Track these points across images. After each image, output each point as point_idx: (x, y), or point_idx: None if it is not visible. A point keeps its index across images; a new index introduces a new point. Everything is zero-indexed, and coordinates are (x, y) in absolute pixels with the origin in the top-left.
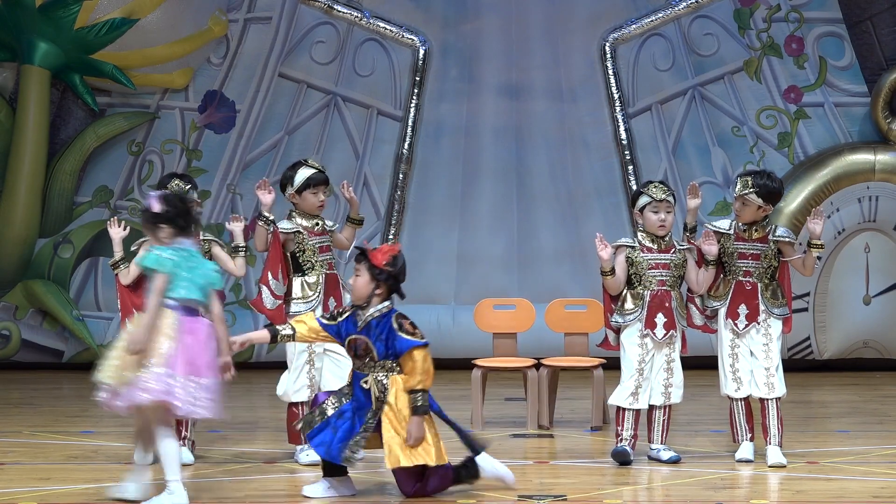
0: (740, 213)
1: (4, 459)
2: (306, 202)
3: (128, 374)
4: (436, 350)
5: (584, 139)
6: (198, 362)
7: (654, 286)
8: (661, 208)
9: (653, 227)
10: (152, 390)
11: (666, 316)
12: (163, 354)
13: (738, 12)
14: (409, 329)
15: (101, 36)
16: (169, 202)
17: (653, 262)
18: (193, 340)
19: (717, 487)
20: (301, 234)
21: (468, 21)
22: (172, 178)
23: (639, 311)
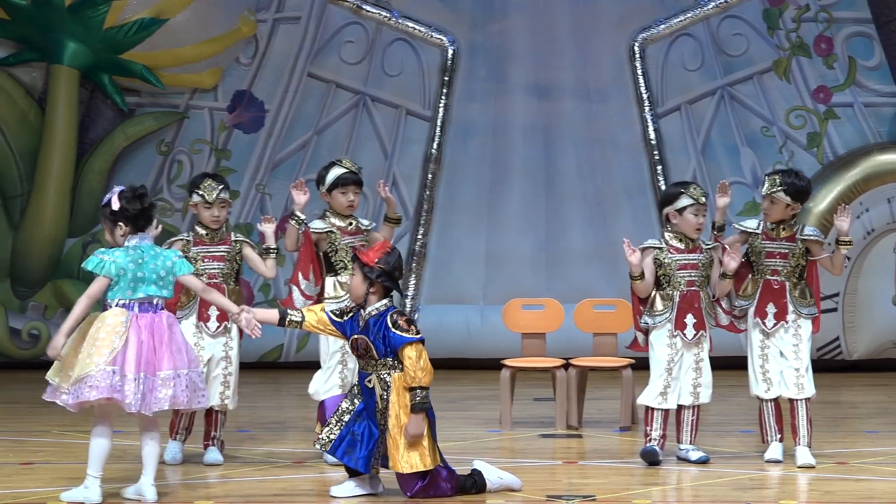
0: (769, 211)
1: (34, 459)
2: (336, 201)
3: (73, 372)
4: (464, 350)
5: (612, 139)
6: (154, 357)
7: (684, 287)
8: (700, 211)
9: (690, 229)
10: (99, 388)
11: (696, 316)
12: (111, 352)
13: (767, 12)
14: (404, 326)
15: (130, 36)
16: (128, 200)
17: (681, 262)
18: (148, 336)
19: (745, 488)
20: (334, 233)
21: (497, 21)
22: (204, 179)
23: (668, 312)
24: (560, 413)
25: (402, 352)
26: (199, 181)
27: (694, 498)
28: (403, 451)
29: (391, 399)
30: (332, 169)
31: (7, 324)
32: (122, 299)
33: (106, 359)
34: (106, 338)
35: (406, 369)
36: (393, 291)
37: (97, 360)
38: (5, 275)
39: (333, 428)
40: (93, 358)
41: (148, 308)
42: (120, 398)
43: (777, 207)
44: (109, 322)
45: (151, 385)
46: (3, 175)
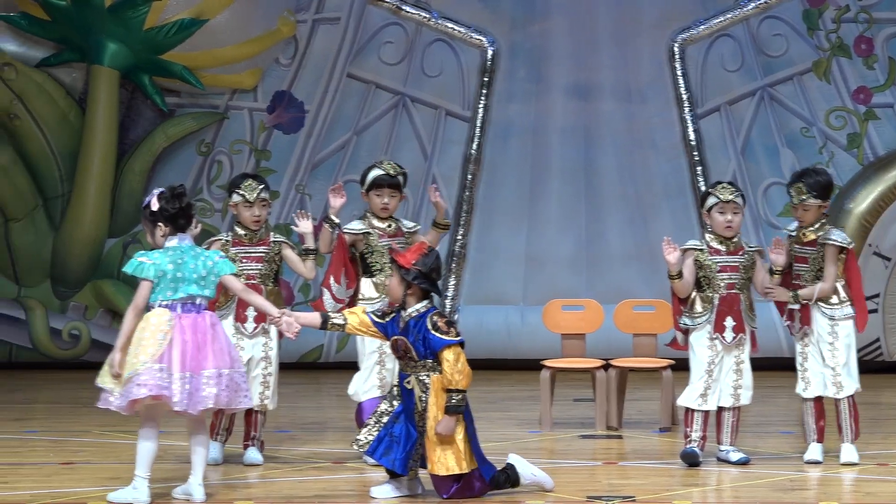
0: (803, 218)
1: (74, 458)
2: (371, 202)
3: (123, 375)
4: (504, 351)
5: (652, 140)
6: (199, 356)
7: (723, 289)
8: (727, 209)
9: (719, 228)
10: (147, 385)
11: (735, 319)
12: (157, 351)
13: (806, 13)
14: (443, 328)
15: (170, 36)
16: (167, 201)
17: (722, 264)
18: (191, 336)
19: (786, 489)
20: (370, 235)
21: (536, 21)
22: (245, 179)
23: (708, 315)
24: (600, 414)
25: (441, 354)
26: (239, 181)
27: (734, 499)
28: (439, 454)
29: (430, 401)
30: (372, 170)
31: (48, 324)
32: (163, 300)
33: (152, 356)
34: (150, 337)
35: (444, 372)
36: (432, 293)
37: (143, 358)
38: (46, 275)
39: (372, 429)
40: (139, 357)
41: (191, 308)
42: (168, 395)
43: (811, 212)
44: (153, 322)
45: (197, 384)
46: (44, 176)
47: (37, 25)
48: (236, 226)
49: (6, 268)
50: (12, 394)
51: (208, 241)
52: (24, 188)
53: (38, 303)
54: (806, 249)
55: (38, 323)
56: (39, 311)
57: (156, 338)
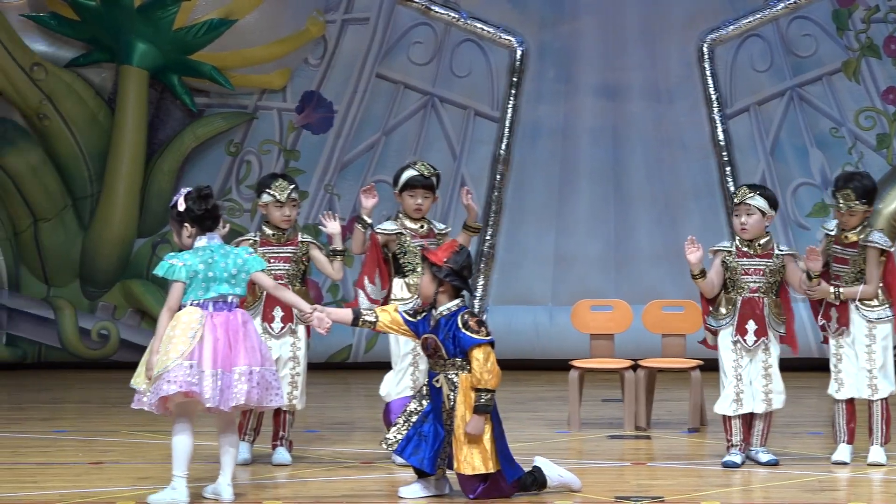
0: (848, 222)
1: (103, 458)
2: (405, 203)
3: (153, 373)
4: (532, 351)
5: (681, 140)
6: (230, 354)
7: (746, 292)
8: (741, 211)
9: (736, 231)
10: (177, 381)
11: (757, 323)
12: (187, 349)
13: (836, 13)
14: (474, 327)
15: (199, 37)
16: (194, 201)
17: (747, 267)
18: (223, 333)
19: (814, 490)
20: (403, 235)
21: (565, 22)
22: (275, 178)
23: (730, 317)
24: (628, 414)
25: (471, 353)
26: (269, 181)
27: (764, 499)
28: (466, 453)
29: (458, 399)
30: (406, 171)
31: (77, 324)
32: (195, 300)
33: (182, 354)
34: (181, 335)
35: (473, 371)
36: (463, 291)
37: (173, 355)
38: (75, 275)
39: (401, 428)
40: (169, 354)
41: (222, 306)
42: (198, 392)
43: (856, 217)
44: (184, 320)
45: (228, 381)
46: (73, 176)
47: (66, 25)
48: (265, 225)
49: (35, 268)
50: (41, 394)
51: (236, 240)
52: (54, 188)
53: (68, 303)
54: (847, 251)
55: (68, 323)
56: (68, 311)
57: (186, 335)
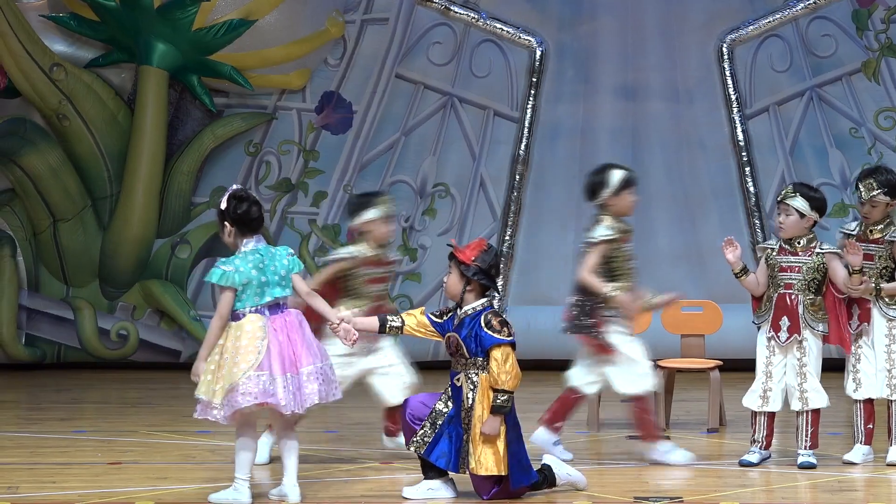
0: (869, 214)
1: (122, 458)
2: (624, 203)
3: (218, 385)
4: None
5: (700, 140)
6: (295, 356)
7: (781, 288)
8: (780, 210)
9: (775, 228)
10: (252, 393)
11: (790, 319)
12: (257, 358)
13: (856, 13)
14: (497, 326)
15: (218, 37)
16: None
17: (783, 264)
18: (285, 337)
19: (833, 490)
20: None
21: (584, 22)
22: (377, 195)
23: (767, 314)
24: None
25: (491, 352)
26: (370, 198)
27: (782, 500)
28: (481, 453)
29: (476, 399)
30: (618, 170)
31: (96, 324)
32: (251, 307)
33: (252, 364)
34: (249, 344)
35: (490, 370)
36: (490, 290)
37: (244, 366)
38: (94, 275)
39: (428, 430)
40: (239, 366)
41: (276, 310)
42: (274, 402)
43: (878, 209)
44: (248, 329)
45: (298, 383)
46: (92, 176)
47: (86, 26)
48: (366, 244)
49: (55, 268)
50: (60, 394)
51: (336, 258)
52: (73, 189)
53: (87, 303)
54: (871, 247)
55: (87, 323)
56: (88, 311)
57: (254, 345)
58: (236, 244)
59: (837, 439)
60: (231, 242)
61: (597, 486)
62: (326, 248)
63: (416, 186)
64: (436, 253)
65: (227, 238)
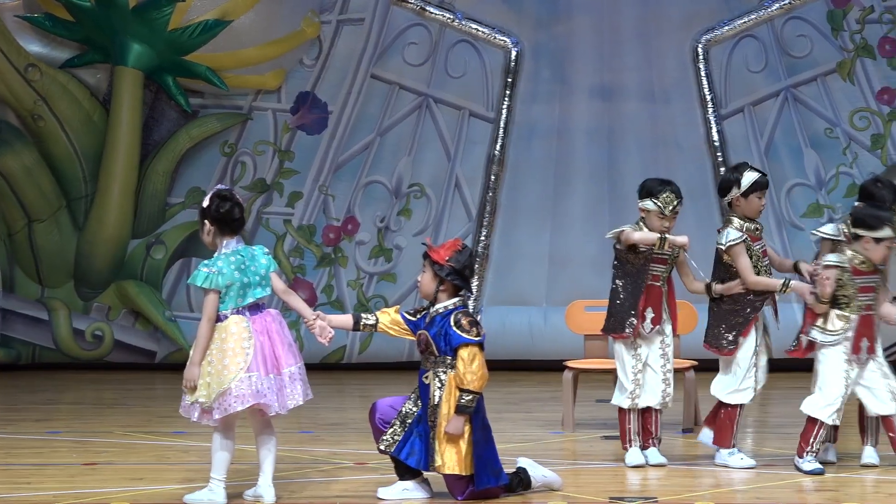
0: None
1: (97, 459)
2: (751, 204)
3: (215, 388)
4: (527, 351)
5: (676, 141)
6: (276, 356)
7: (863, 310)
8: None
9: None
10: (244, 396)
11: (869, 340)
12: (245, 360)
13: (831, 14)
14: (466, 326)
15: (194, 37)
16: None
17: (862, 285)
18: (266, 337)
19: (807, 490)
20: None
21: (560, 22)
22: (665, 186)
23: (845, 333)
24: None
25: (458, 352)
26: (658, 188)
27: (755, 500)
28: (443, 451)
29: (444, 396)
30: (750, 172)
31: (71, 325)
32: (234, 308)
33: (242, 367)
34: (235, 346)
35: (457, 369)
36: (463, 290)
37: (234, 369)
38: (69, 276)
39: (398, 429)
40: (229, 368)
41: (256, 311)
42: (266, 403)
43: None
44: (234, 331)
45: (281, 384)
46: (68, 177)
47: (61, 26)
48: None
49: (30, 269)
50: (35, 394)
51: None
52: (48, 189)
53: (62, 303)
54: None
55: (62, 324)
56: (63, 311)
57: (241, 346)
58: (215, 244)
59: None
60: (209, 242)
61: (572, 487)
62: (301, 248)
63: (391, 187)
64: (411, 253)
65: (206, 237)
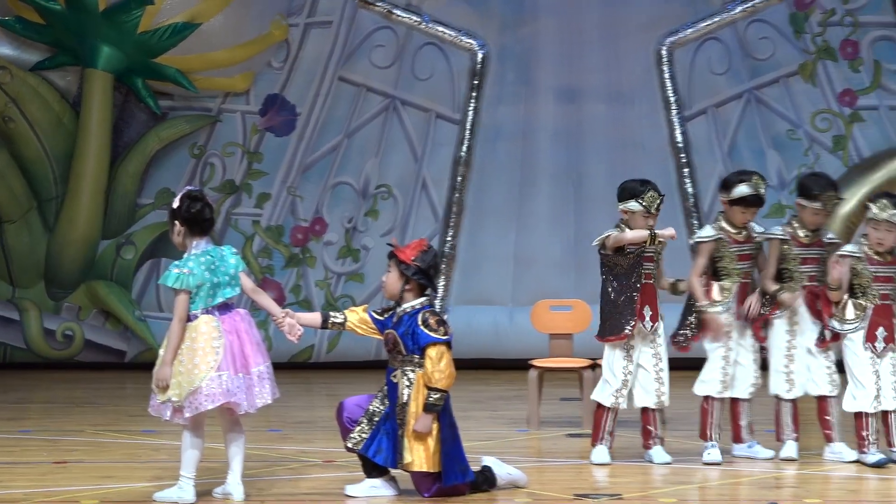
0: (883, 241)
1: (67, 458)
2: (733, 214)
3: (186, 387)
4: (492, 351)
5: (640, 142)
6: (245, 356)
7: (877, 299)
8: (881, 227)
9: (872, 244)
10: (214, 395)
11: (887, 329)
12: (216, 360)
13: (793, 16)
14: (433, 325)
15: (163, 40)
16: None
17: (877, 275)
18: (235, 337)
19: (769, 486)
20: (723, 240)
21: (526, 25)
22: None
23: (861, 323)
24: (587, 413)
25: (426, 350)
26: (639, 188)
27: (718, 497)
28: (412, 449)
29: (412, 395)
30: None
31: (42, 325)
32: (203, 308)
33: (213, 366)
34: (206, 345)
35: (425, 368)
36: (429, 290)
37: (204, 368)
38: (40, 277)
39: (365, 427)
40: (200, 367)
41: (225, 310)
42: (237, 401)
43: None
44: (204, 330)
45: (250, 383)
46: (38, 178)
47: (31, 29)
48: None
49: (1, 269)
50: (7, 394)
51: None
52: (19, 190)
53: (33, 304)
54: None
55: (33, 324)
56: (34, 311)
57: (211, 346)
58: (185, 245)
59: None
60: (179, 242)
61: (537, 484)
62: (270, 249)
63: (358, 188)
64: (378, 254)
65: (176, 237)
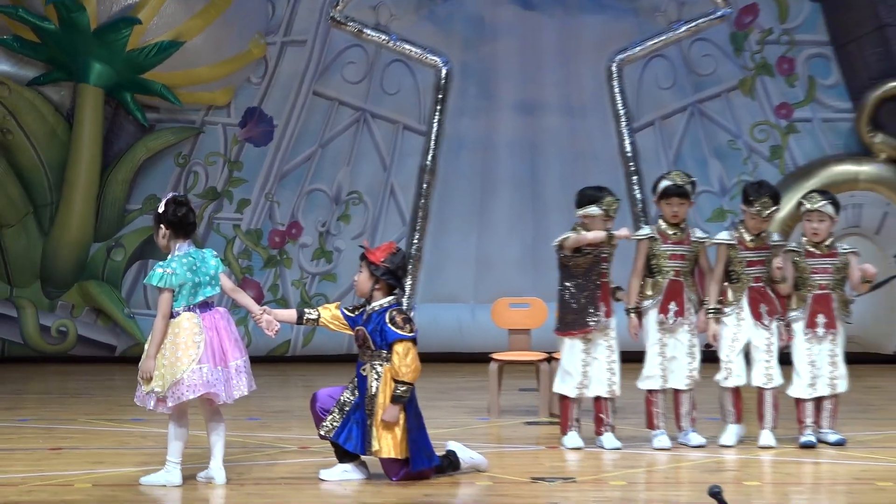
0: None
1: (62, 444)
2: (663, 211)
3: (163, 380)
4: (456, 345)
5: (592, 152)
6: (223, 350)
7: (816, 289)
8: (814, 217)
9: (808, 235)
10: (195, 386)
11: (826, 317)
12: (197, 354)
13: (733, 35)
14: (400, 323)
15: (150, 57)
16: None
17: (815, 266)
18: (214, 333)
19: (712, 470)
20: (657, 239)
21: (486, 43)
22: (601, 192)
23: (803, 312)
24: (543, 402)
25: (393, 346)
26: (597, 194)
27: (664, 479)
28: (380, 437)
29: (380, 387)
30: (663, 181)
31: (38, 321)
32: (185, 305)
33: (194, 359)
34: (188, 340)
35: (392, 363)
36: (396, 289)
37: (186, 361)
38: (36, 277)
39: (336, 416)
40: (182, 360)
41: (206, 308)
42: (216, 392)
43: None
44: (186, 325)
45: (228, 376)
46: (34, 185)
47: (28, 47)
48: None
49: None
50: (5, 385)
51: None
52: (16, 197)
53: (29, 302)
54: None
55: (29, 320)
56: (30, 309)
57: (193, 340)
58: (169, 247)
59: (715, 424)
60: (164, 245)
61: (497, 468)
62: (249, 250)
63: (331, 194)
64: (350, 255)
65: (161, 240)
